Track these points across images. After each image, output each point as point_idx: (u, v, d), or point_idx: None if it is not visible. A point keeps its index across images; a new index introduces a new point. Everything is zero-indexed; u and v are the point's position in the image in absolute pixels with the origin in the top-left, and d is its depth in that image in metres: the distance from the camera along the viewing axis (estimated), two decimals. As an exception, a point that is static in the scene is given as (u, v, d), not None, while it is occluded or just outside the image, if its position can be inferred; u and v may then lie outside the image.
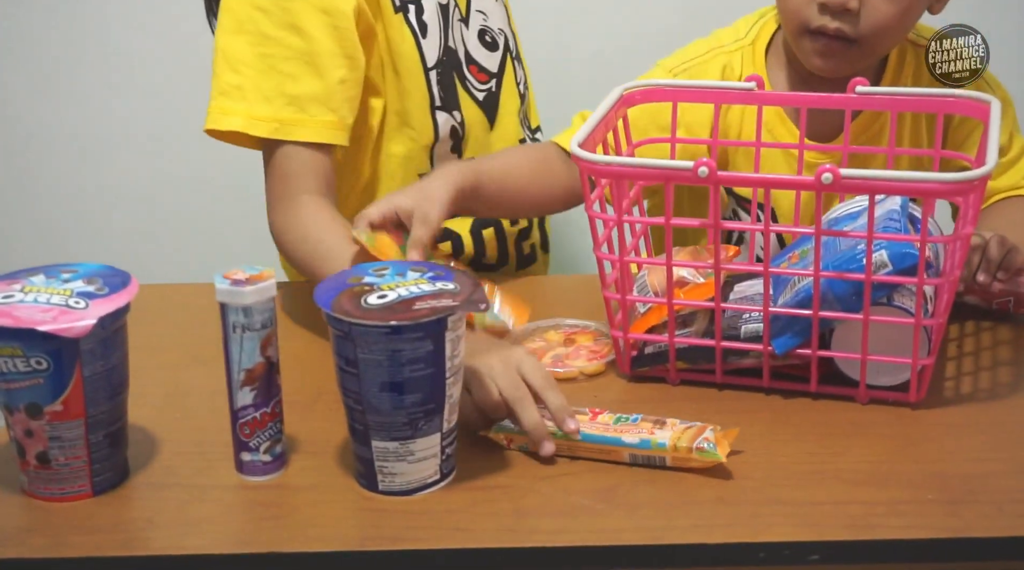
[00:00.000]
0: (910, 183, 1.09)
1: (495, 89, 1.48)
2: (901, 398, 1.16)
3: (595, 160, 1.14)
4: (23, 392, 1.02)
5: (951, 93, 1.27)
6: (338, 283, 1.05)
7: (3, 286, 1.05)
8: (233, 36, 1.34)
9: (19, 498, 1.06)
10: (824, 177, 1.07)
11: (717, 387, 1.20)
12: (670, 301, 1.18)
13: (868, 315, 1.12)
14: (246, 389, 1.05)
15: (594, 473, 1.07)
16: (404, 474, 1.04)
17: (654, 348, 1.21)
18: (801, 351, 1.16)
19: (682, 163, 1.12)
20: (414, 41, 1.41)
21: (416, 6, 1.41)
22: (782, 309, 1.15)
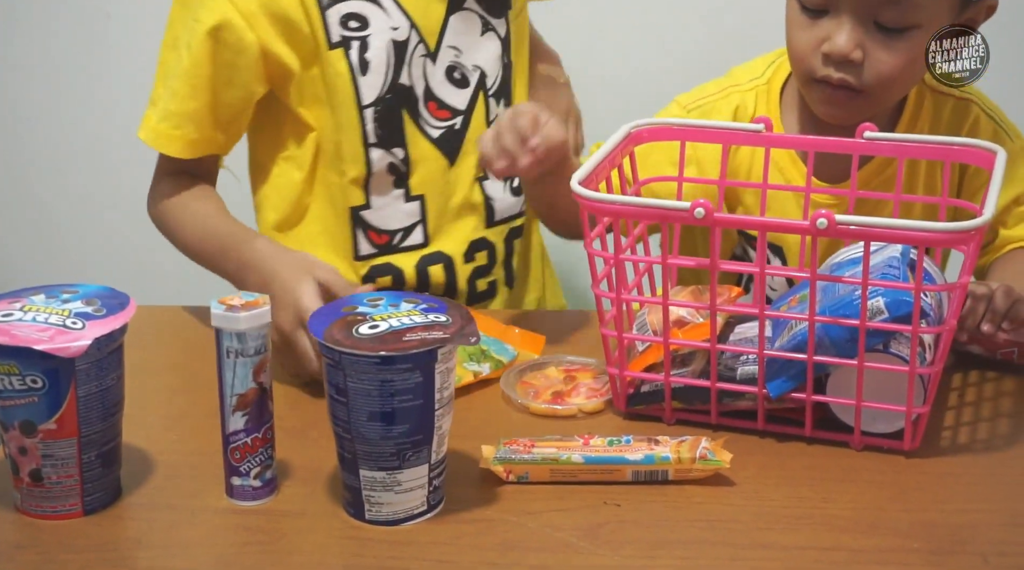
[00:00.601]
0: (906, 231, 1.09)
1: (459, 127, 1.48)
2: (896, 446, 1.15)
3: (595, 198, 1.14)
4: (18, 409, 1.03)
5: (959, 141, 1.27)
6: (333, 312, 1.06)
7: (3, 304, 1.06)
8: (168, 51, 1.43)
9: (12, 515, 1.07)
10: (819, 222, 1.07)
11: (712, 427, 1.20)
12: (666, 341, 1.18)
13: (863, 361, 1.12)
14: (238, 414, 1.06)
15: (583, 510, 1.08)
16: (391, 504, 1.05)
17: (650, 387, 1.21)
18: (796, 395, 1.16)
19: (679, 204, 1.12)
20: (350, 78, 1.41)
21: (361, 43, 1.41)
22: (777, 352, 1.15)
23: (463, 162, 1.48)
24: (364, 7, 1.41)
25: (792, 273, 1.22)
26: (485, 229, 1.51)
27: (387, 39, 1.42)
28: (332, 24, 1.40)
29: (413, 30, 1.43)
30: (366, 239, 1.47)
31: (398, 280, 1.49)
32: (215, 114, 1.42)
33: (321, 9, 1.40)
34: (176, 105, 1.42)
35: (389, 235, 1.48)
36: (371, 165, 1.45)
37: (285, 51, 1.40)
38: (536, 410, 1.23)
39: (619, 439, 1.12)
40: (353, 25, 1.41)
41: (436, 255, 1.49)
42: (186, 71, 1.40)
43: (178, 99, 1.41)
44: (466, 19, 1.46)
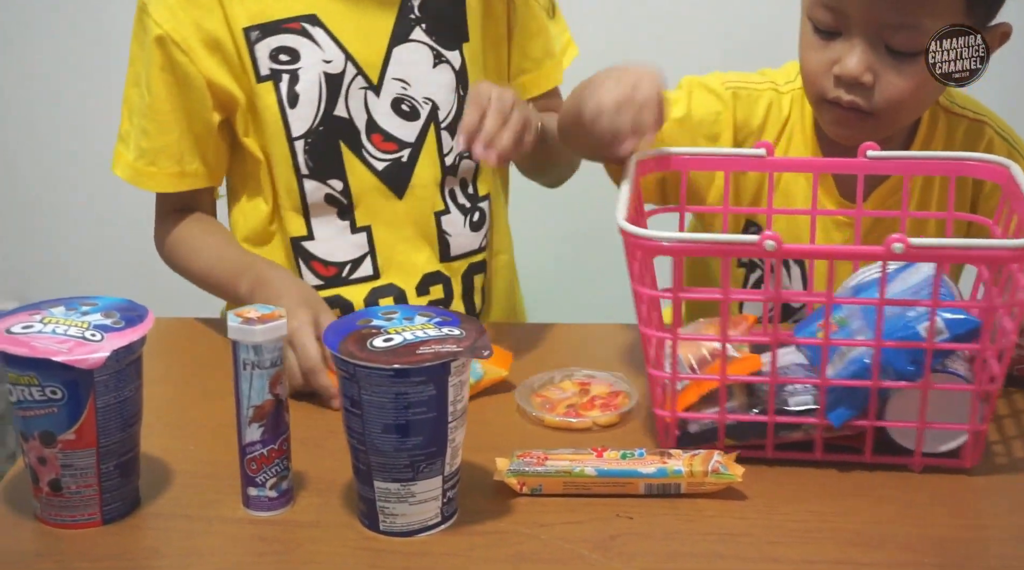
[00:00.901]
0: (981, 250, 1.09)
1: (406, 159, 1.45)
2: (955, 464, 1.15)
3: (652, 237, 1.11)
4: (38, 420, 1.05)
5: (965, 156, 1.27)
6: (348, 325, 1.07)
7: (24, 316, 1.08)
8: (131, 87, 1.46)
9: (32, 524, 1.09)
10: (895, 246, 1.06)
11: (768, 463, 1.17)
12: (723, 377, 1.15)
13: (928, 383, 1.12)
14: (254, 425, 1.07)
15: (595, 522, 1.08)
16: (405, 515, 1.06)
17: (699, 426, 1.18)
18: (857, 423, 1.15)
19: (747, 238, 1.10)
20: (279, 111, 1.42)
21: (291, 76, 1.41)
22: (838, 381, 1.14)
23: (413, 194, 1.46)
24: (295, 40, 1.41)
25: (809, 298, 1.21)
26: (440, 263, 1.49)
27: (319, 72, 1.41)
28: (261, 58, 1.40)
29: (349, 63, 1.41)
30: (310, 270, 1.47)
31: (347, 313, 1.46)
32: (190, 146, 1.44)
33: (249, 44, 1.40)
34: (148, 142, 1.44)
35: (337, 267, 1.47)
36: (305, 196, 1.44)
37: (228, 81, 1.42)
38: (551, 423, 1.24)
39: (632, 452, 1.13)
40: (283, 58, 1.41)
41: (387, 288, 1.48)
42: (149, 107, 1.43)
43: (149, 136, 1.44)
44: (414, 51, 1.44)
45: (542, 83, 1.54)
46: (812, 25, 1.35)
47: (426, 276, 1.49)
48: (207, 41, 1.40)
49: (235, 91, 1.42)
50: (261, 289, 1.35)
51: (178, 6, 1.40)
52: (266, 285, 1.35)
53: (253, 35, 1.40)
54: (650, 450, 1.13)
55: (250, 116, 1.44)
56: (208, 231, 1.49)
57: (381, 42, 1.43)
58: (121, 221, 2.37)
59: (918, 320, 1.12)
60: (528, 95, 1.53)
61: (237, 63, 1.41)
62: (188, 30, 1.40)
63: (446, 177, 1.47)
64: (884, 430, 1.16)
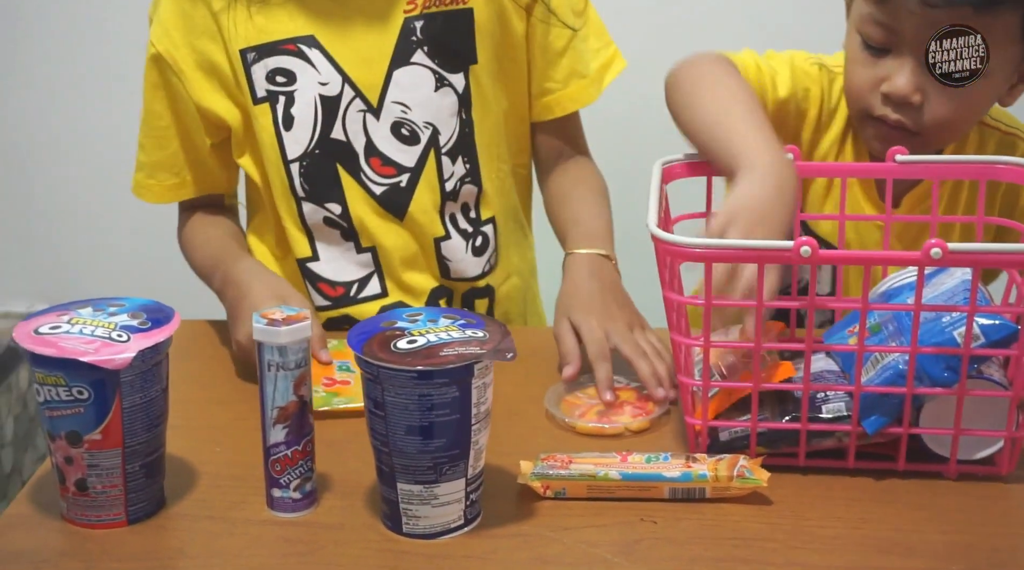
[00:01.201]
0: (1016, 255, 1.08)
1: (405, 184, 1.44)
2: (990, 471, 1.14)
3: (686, 243, 1.10)
4: (64, 420, 1.05)
5: (993, 159, 1.27)
6: (372, 327, 1.08)
7: (52, 317, 1.09)
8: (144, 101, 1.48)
9: (59, 523, 1.10)
10: (933, 252, 1.05)
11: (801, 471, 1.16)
12: (756, 385, 1.14)
13: (964, 389, 1.11)
14: (278, 427, 1.08)
15: (619, 526, 1.08)
16: (428, 517, 1.06)
17: (729, 434, 1.17)
18: (891, 430, 1.14)
19: (781, 243, 1.08)
20: (274, 132, 1.41)
21: (287, 98, 1.41)
22: (873, 387, 1.13)
23: (412, 219, 1.45)
24: (291, 62, 1.40)
25: (844, 304, 1.20)
26: (442, 280, 1.49)
27: (314, 94, 1.41)
28: (257, 79, 1.40)
29: (347, 85, 1.41)
30: (318, 292, 1.47)
31: None
32: (188, 159, 1.46)
33: (246, 65, 1.40)
34: (146, 156, 1.48)
35: (344, 287, 1.47)
36: (304, 218, 1.44)
37: (222, 105, 1.42)
38: (583, 429, 1.23)
39: (657, 456, 1.13)
40: (280, 80, 1.40)
41: (396, 305, 1.47)
42: (145, 122, 1.46)
43: (147, 151, 1.48)
44: (415, 75, 1.42)
45: (567, 104, 1.51)
46: (861, 39, 1.34)
47: (433, 291, 1.49)
48: (202, 63, 1.41)
49: (229, 114, 1.43)
50: (228, 289, 1.37)
51: (173, 27, 1.40)
52: (232, 285, 1.37)
53: (250, 56, 1.40)
54: (675, 454, 1.13)
55: (246, 138, 1.44)
56: (210, 224, 1.50)
57: (381, 64, 1.41)
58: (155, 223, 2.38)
59: (953, 325, 1.11)
60: (552, 115, 1.51)
61: (233, 85, 1.41)
62: (182, 52, 1.41)
63: (446, 202, 1.46)
64: (918, 437, 1.15)
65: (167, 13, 1.41)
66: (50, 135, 2.40)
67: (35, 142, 2.40)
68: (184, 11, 1.40)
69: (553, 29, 1.47)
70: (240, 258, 1.42)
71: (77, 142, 2.40)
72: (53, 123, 2.39)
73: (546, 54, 1.48)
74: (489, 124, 1.47)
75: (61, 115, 2.39)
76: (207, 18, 1.40)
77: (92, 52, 2.33)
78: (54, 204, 2.44)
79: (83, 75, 2.35)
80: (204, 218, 1.51)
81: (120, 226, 2.43)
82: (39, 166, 2.42)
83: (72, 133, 2.39)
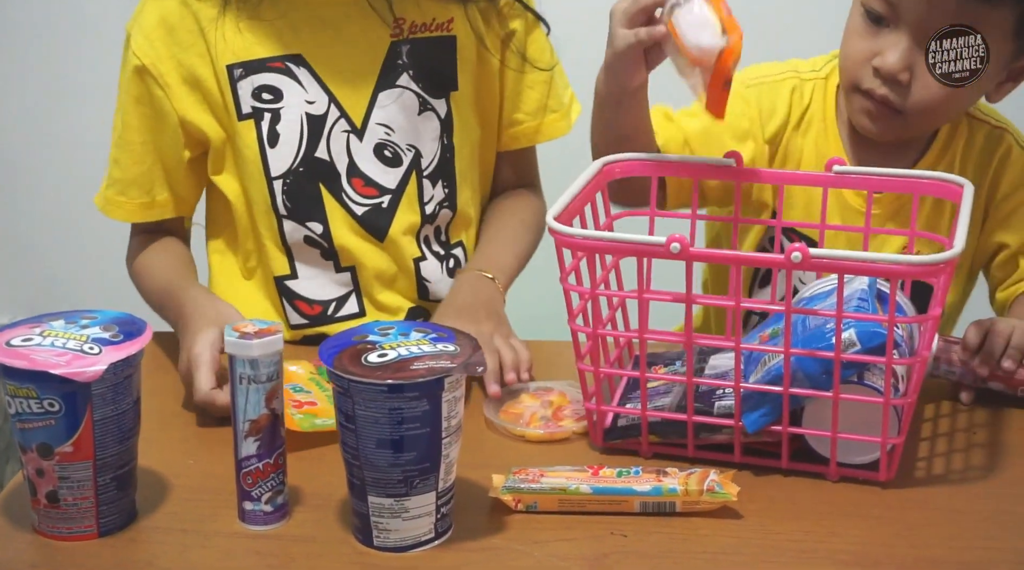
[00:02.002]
0: (879, 264, 1.10)
1: (386, 205, 1.44)
2: (871, 476, 1.15)
3: (571, 233, 1.15)
4: (36, 432, 1.05)
5: (927, 174, 1.29)
6: (343, 340, 1.08)
7: (24, 329, 1.09)
8: (116, 115, 1.46)
9: (30, 536, 1.10)
10: (793, 256, 1.08)
11: (689, 460, 1.19)
12: (643, 375, 1.19)
13: (838, 393, 1.12)
14: (250, 439, 1.08)
15: (589, 540, 1.08)
16: (399, 531, 1.06)
17: (627, 420, 1.22)
18: (773, 428, 1.16)
19: (655, 239, 1.12)
20: (258, 149, 1.41)
21: (272, 115, 1.41)
22: (753, 386, 1.16)
23: (392, 241, 1.45)
24: (278, 80, 1.40)
25: (769, 306, 1.22)
26: (419, 300, 1.49)
27: (301, 112, 1.41)
28: (243, 96, 1.40)
29: (333, 105, 1.41)
30: (294, 309, 1.47)
31: None
32: (160, 177, 1.45)
33: (232, 81, 1.40)
34: (120, 172, 1.46)
35: (322, 305, 1.47)
36: (285, 236, 1.44)
37: (205, 119, 1.42)
38: (533, 437, 1.24)
39: (628, 470, 1.13)
40: (266, 97, 1.40)
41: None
42: (121, 138, 1.45)
43: (121, 166, 1.46)
44: (400, 97, 1.43)
45: (535, 136, 1.53)
46: (864, 9, 1.36)
47: (410, 310, 1.49)
48: (187, 77, 1.41)
49: (211, 130, 1.42)
50: (181, 323, 1.34)
51: (159, 39, 1.40)
52: (182, 319, 1.34)
53: (236, 72, 1.40)
54: (646, 468, 1.13)
55: (230, 154, 1.44)
56: (162, 251, 1.49)
57: (367, 86, 1.42)
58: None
59: (833, 332, 1.12)
60: (518, 146, 1.53)
61: (219, 100, 1.41)
62: (167, 65, 1.40)
63: (423, 225, 1.47)
64: (805, 438, 1.17)
65: (151, 26, 1.40)
66: (32, 144, 2.40)
67: (17, 150, 2.40)
68: (169, 25, 1.40)
69: (524, 64, 1.49)
70: (188, 287, 1.40)
71: (61, 151, 2.40)
72: (35, 131, 2.39)
73: (516, 87, 1.50)
74: (466, 151, 1.48)
75: (43, 123, 2.39)
76: (194, 33, 1.40)
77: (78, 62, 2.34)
78: (35, 214, 2.44)
79: (67, 84, 2.35)
80: (155, 245, 1.49)
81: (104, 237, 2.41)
82: (20, 175, 2.42)
83: (54, 142, 2.39)
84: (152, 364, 1.12)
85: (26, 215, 2.43)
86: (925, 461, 1.21)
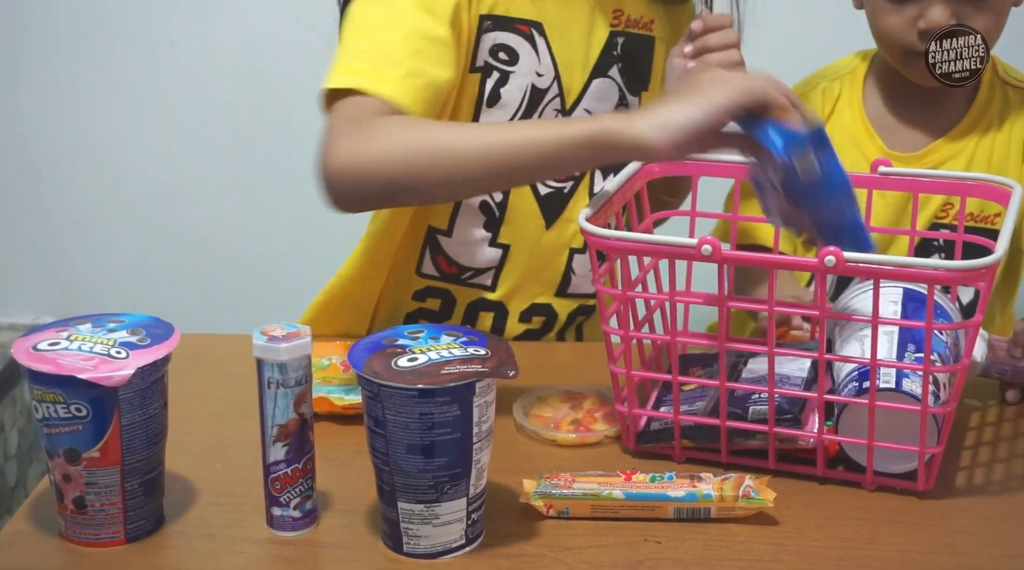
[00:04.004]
0: (914, 269, 1.07)
1: (568, 191, 1.45)
2: (909, 486, 1.13)
3: (603, 235, 1.13)
4: (63, 437, 1.04)
5: (974, 176, 1.27)
6: (373, 344, 1.06)
7: (51, 333, 1.08)
8: (364, 5, 1.29)
9: (57, 542, 1.09)
10: (827, 260, 1.06)
11: (723, 466, 1.17)
12: (675, 378, 1.17)
13: (874, 400, 1.10)
14: (278, 445, 1.06)
15: (622, 547, 1.07)
16: (429, 537, 1.05)
17: (660, 424, 1.20)
18: (805, 434, 1.14)
19: (686, 241, 1.11)
20: (474, 105, 1.39)
21: (501, 75, 1.38)
22: (787, 391, 1.14)
23: (559, 227, 1.45)
24: (519, 43, 1.38)
25: (804, 311, 1.21)
26: (553, 296, 1.48)
27: (528, 82, 1.39)
28: (482, 49, 1.37)
29: (556, 82, 1.41)
30: (432, 262, 1.46)
31: (446, 309, 1.48)
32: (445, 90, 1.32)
33: (479, 31, 1.36)
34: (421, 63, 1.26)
35: (459, 269, 1.46)
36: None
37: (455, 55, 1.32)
38: (564, 441, 1.22)
39: (662, 475, 1.11)
40: (502, 57, 1.38)
41: (495, 304, 1.47)
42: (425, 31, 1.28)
43: (422, 57, 1.26)
44: (607, 87, 1.44)
45: None
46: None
47: (534, 305, 1.48)
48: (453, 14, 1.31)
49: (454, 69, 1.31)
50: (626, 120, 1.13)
51: None
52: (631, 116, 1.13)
53: (486, 24, 1.36)
54: (679, 473, 1.12)
55: (448, 101, 1.35)
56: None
57: (585, 70, 1.42)
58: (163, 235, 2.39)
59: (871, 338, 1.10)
60: None
61: (465, 45, 1.34)
62: None
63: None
64: (841, 444, 1.15)
65: None
66: (59, 145, 2.40)
67: (44, 152, 2.40)
68: None
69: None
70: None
71: (86, 152, 2.39)
72: (62, 133, 2.39)
73: None
74: None
75: (69, 125, 2.39)
76: None
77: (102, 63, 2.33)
78: (61, 215, 2.43)
79: (93, 84, 2.35)
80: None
81: (128, 238, 2.42)
82: (47, 176, 2.41)
83: (81, 143, 2.38)
84: (179, 367, 1.10)
85: (51, 217, 2.43)
86: (967, 470, 1.18)
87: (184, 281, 2.38)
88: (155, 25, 2.24)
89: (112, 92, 2.35)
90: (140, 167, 2.35)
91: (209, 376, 1.37)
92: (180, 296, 2.33)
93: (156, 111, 2.32)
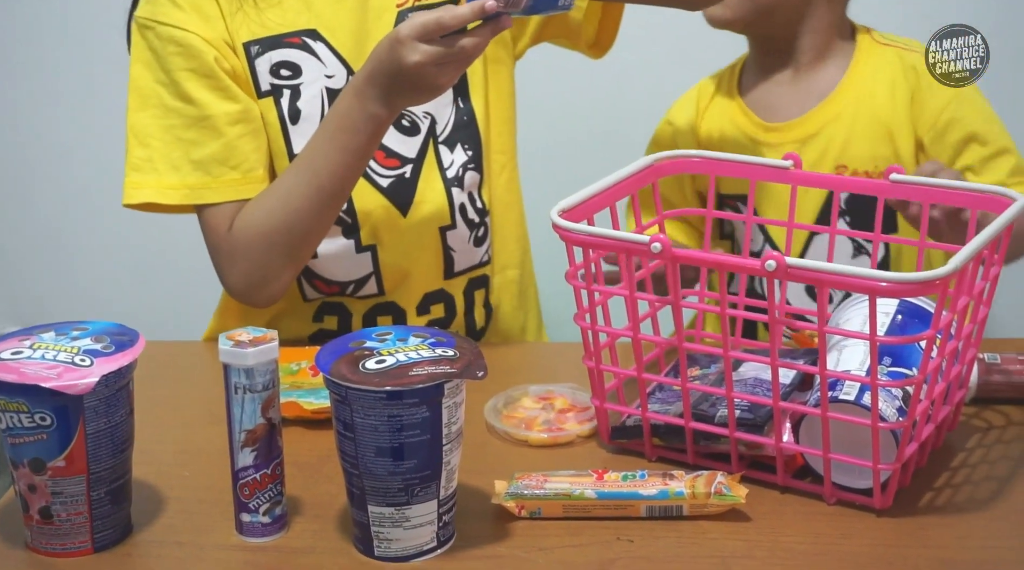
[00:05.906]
0: (856, 279, 1.03)
1: (409, 175, 1.43)
2: (867, 502, 1.10)
3: (566, 227, 1.13)
4: (27, 447, 1.03)
5: (986, 188, 1.22)
6: (340, 347, 1.06)
7: (14, 342, 1.07)
8: (140, 113, 1.39)
9: (23, 553, 1.07)
10: (767, 264, 1.05)
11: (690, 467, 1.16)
12: (640, 375, 1.17)
13: (826, 410, 1.08)
14: (247, 450, 1.06)
15: (595, 546, 1.06)
16: (400, 540, 1.04)
17: (635, 421, 1.20)
18: (766, 442, 1.12)
19: (638, 237, 1.11)
20: (280, 128, 1.39)
21: (292, 91, 1.39)
22: (742, 395, 1.13)
23: (417, 211, 1.43)
24: (296, 55, 1.39)
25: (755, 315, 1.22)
26: (443, 281, 1.48)
27: (321, 87, 1.39)
28: (261, 73, 1.38)
29: (350, 76, 1.39)
30: (312, 288, 1.45)
31: (344, 324, 1.47)
32: (250, 147, 1.39)
33: (250, 59, 1.38)
34: (199, 152, 1.37)
35: (340, 286, 1.45)
36: None
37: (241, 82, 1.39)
38: (536, 441, 1.22)
39: (633, 474, 1.11)
40: (284, 74, 1.39)
41: (388, 305, 1.46)
42: (198, 117, 1.37)
43: (199, 146, 1.37)
44: None
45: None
46: None
47: (427, 295, 1.47)
48: (220, 48, 1.37)
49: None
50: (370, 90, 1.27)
51: (191, 8, 1.36)
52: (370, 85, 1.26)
53: (253, 50, 1.39)
54: (652, 471, 1.11)
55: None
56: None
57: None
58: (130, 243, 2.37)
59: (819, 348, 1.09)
60: None
61: (243, 77, 1.39)
62: (208, 33, 1.36)
63: (451, 190, 1.45)
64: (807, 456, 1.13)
65: (187, 3, 1.36)
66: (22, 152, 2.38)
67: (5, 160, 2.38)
68: (196, 4, 1.37)
69: None
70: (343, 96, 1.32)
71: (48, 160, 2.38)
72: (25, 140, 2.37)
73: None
74: (488, 111, 1.47)
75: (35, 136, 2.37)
76: (215, 9, 1.38)
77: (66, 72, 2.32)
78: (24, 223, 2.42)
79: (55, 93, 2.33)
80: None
81: (94, 247, 2.41)
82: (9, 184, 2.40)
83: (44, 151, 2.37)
84: (145, 374, 1.09)
85: (13, 225, 2.41)
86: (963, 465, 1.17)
87: (153, 289, 2.36)
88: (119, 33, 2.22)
89: (76, 99, 2.33)
90: (104, 175, 2.32)
91: (176, 383, 1.36)
92: (147, 304, 2.31)
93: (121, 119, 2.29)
